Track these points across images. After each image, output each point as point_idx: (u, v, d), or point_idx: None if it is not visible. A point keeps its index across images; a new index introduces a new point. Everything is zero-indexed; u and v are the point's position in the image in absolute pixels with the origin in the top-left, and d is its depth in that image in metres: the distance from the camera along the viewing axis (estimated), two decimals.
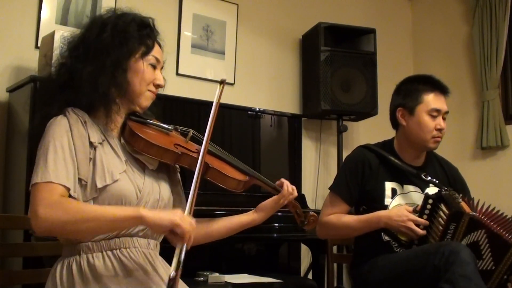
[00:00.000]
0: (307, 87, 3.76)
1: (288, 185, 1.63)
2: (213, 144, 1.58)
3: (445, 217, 1.93)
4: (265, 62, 3.75)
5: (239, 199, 2.52)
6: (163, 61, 1.54)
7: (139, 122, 1.49)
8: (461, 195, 2.01)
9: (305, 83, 3.79)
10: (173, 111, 3.02)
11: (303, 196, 3.37)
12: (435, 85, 2.19)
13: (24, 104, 2.46)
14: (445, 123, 2.17)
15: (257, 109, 3.37)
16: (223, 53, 3.54)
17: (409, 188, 2.16)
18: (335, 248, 2.75)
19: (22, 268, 2.23)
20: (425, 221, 1.96)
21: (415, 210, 2.00)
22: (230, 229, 1.61)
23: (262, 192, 1.77)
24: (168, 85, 1.57)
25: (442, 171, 2.26)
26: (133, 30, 1.45)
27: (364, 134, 4.01)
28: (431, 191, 2.09)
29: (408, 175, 2.17)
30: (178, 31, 3.38)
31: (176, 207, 1.52)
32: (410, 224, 1.95)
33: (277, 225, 2.80)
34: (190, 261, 1.27)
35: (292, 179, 1.68)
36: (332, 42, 3.60)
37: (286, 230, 2.83)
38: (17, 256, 2.21)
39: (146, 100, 1.49)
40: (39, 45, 2.71)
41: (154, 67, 1.49)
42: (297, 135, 3.55)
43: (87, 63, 1.40)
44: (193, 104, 3.10)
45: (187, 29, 3.41)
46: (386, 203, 2.12)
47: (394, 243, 2.08)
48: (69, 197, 1.29)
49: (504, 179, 3.71)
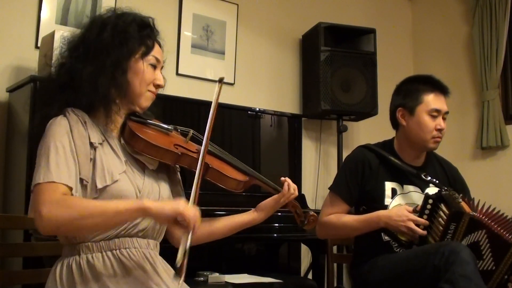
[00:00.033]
0: (307, 87, 3.76)
1: (289, 184, 1.62)
2: (213, 144, 1.57)
3: (445, 217, 1.93)
4: (265, 62, 3.75)
5: (239, 199, 2.51)
6: (163, 61, 1.54)
7: (139, 122, 1.48)
8: (461, 195, 2.01)
9: (305, 83, 3.79)
10: (173, 111, 3.02)
11: (303, 196, 3.37)
12: (435, 85, 2.19)
13: (24, 104, 2.46)
14: (445, 123, 2.17)
15: (257, 109, 3.37)
16: (223, 53, 3.54)
17: (409, 188, 2.16)
18: (335, 248, 2.75)
19: (22, 268, 2.23)
20: (425, 221, 1.95)
21: (415, 210, 2.00)
22: (231, 228, 1.61)
23: (262, 192, 1.77)
24: (168, 85, 1.56)
25: (442, 171, 2.26)
26: (133, 30, 1.44)
27: (364, 134, 4.01)
28: (431, 191, 2.09)
29: (408, 175, 2.17)
30: (178, 31, 3.37)
31: None
32: (410, 224, 1.95)
33: (277, 225, 2.79)
34: (190, 261, 1.26)
35: (292, 179, 1.67)
36: (332, 42, 3.60)
37: (286, 230, 2.83)
38: (17, 256, 2.21)
39: (146, 101, 1.49)
40: (39, 45, 2.71)
41: (154, 67, 1.49)
42: (297, 135, 3.55)
43: (87, 63, 1.40)
44: (193, 104, 3.10)
45: (187, 29, 3.41)
46: (386, 203, 2.12)
47: (394, 243, 2.07)
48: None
49: (504, 179, 3.71)
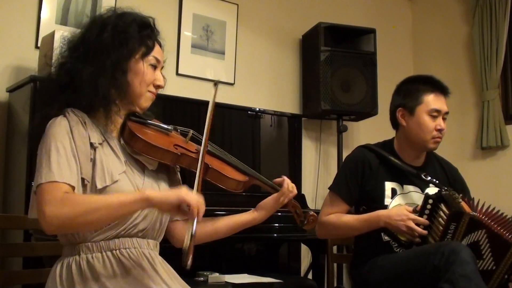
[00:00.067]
0: (307, 87, 3.76)
1: (288, 183, 1.62)
2: (212, 145, 1.57)
3: (445, 217, 1.93)
4: (265, 62, 3.75)
5: (239, 199, 2.51)
6: (163, 61, 1.53)
7: (138, 122, 1.48)
8: (461, 195, 2.01)
9: (305, 83, 3.79)
10: (173, 111, 3.01)
11: (303, 196, 3.38)
12: (435, 85, 2.19)
13: (24, 104, 2.46)
14: (445, 124, 2.17)
15: (257, 109, 3.37)
16: (223, 53, 3.54)
17: (409, 188, 2.16)
18: (335, 248, 2.75)
19: (22, 268, 2.23)
20: (425, 221, 1.95)
21: (415, 210, 2.00)
22: (231, 228, 1.61)
23: (262, 192, 1.77)
24: (168, 85, 1.56)
25: (442, 171, 2.26)
26: (133, 31, 1.44)
27: (364, 134, 4.01)
28: (431, 191, 2.09)
29: (408, 175, 2.17)
30: (178, 31, 3.37)
31: None
32: (410, 223, 1.95)
33: (277, 225, 2.79)
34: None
35: (292, 179, 1.67)
36: (332, 42, 3.60)
37: (286, 230, 2.82)
38: (17, 256, 2.21)
39: (146, 101, 1.49)
40: (39, 45, 2.70)
41: (154, 67, 1.49)
42: (297, 135, 3.54)
43: (87, 63, 1.39)
44: (193, 104, 3.10)
45: (187, 29, 3.41)
46: (386, 203, 2.12)
47: (394, 243, 2.07)
48: None
49: (504, 179, 3.71)
